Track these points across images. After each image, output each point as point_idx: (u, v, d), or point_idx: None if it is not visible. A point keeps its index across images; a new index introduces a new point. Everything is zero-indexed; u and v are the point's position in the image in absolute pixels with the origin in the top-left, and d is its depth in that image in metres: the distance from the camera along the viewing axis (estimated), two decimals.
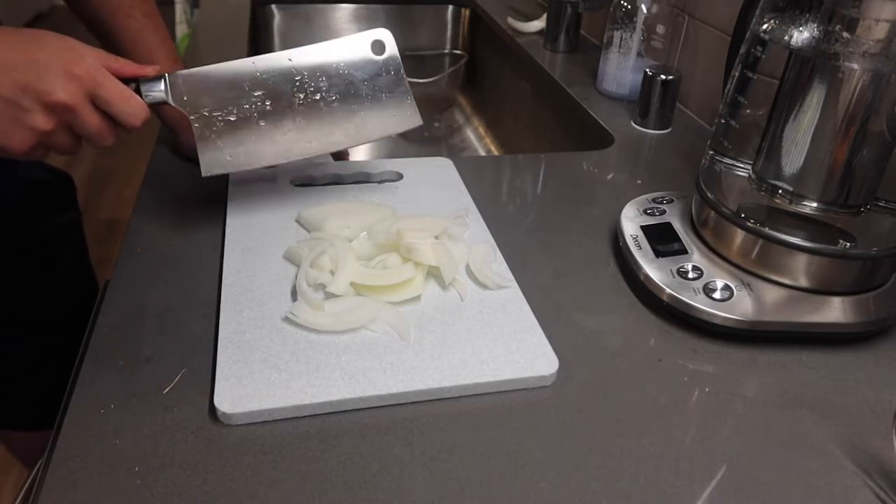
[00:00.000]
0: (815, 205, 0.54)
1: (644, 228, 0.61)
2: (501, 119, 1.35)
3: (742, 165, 0.59)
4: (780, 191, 0.55)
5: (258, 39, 1.41)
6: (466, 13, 1.50)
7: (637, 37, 0.95)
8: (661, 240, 0.59)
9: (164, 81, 0.54)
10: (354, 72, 0.60)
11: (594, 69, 1.04)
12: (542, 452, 0.44)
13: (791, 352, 0.53)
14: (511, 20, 1.28)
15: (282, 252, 0.59)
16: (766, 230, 0.54)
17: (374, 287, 0.54)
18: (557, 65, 1.12)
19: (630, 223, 0.63)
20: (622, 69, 0.97)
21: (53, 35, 0.49)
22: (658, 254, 0.58)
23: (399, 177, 0.72)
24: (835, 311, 0.53)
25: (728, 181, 0.60)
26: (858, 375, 0.52)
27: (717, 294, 0.54)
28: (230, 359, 0.48)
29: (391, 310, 0.53)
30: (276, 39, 1.45)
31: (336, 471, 0.42)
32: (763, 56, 0.54)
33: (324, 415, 0.46)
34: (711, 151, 0.61)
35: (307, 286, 0.54)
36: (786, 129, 0.54)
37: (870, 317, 0.53)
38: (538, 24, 1.23)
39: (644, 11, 0.93)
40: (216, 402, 0.44)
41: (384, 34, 0.61)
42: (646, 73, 0.87)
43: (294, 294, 0.54)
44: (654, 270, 0.56)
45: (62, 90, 0.47)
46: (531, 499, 0.41)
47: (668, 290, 0.55)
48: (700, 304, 0.53)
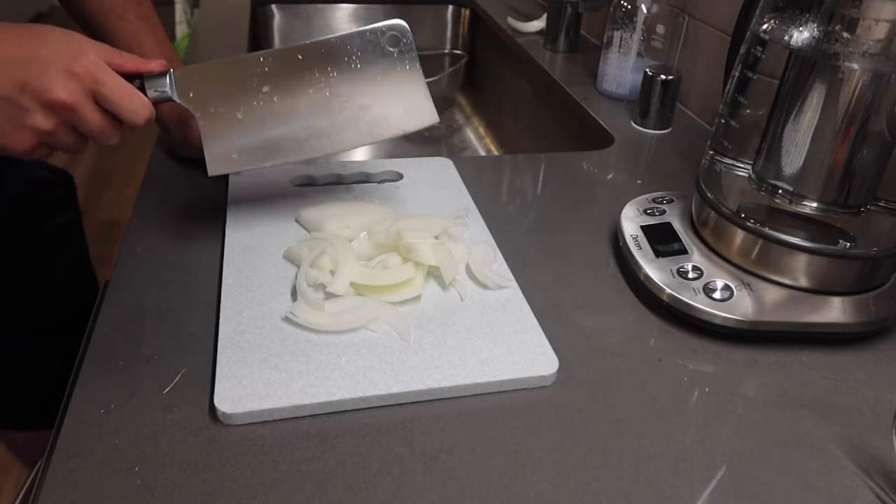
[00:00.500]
0: (815, 205, 0.54)
1: (644, 228, 0.61)
2: (501, 119, 1.35)
3: (742, 165, 0.59)
4: (780, 191, 0.55)
5: (258, 39, 1.41)
6: (466, 13, 1.50)
7: (637, 37, 0.95)
8: (661, 240, 0.59)
9: (170, 78, 0.52)
10: (367, 66, 0.57)
11: (594, 69, 1.04)
12: (542, 452, 0.44)
13: (791, 352, 0.53)
14: (511, 20, 1.28)
15: (282, 252, 0.59)
16: (766, 230, 0.54)
17: (374, 287, 0.54)
18: (557, 65, 1.12)
19: (630, 223, 0.63)
20: (622, 69, 0.97)
21: (56, 30, 0.48)
22: (658, 254, 0.58)
23: (399, 177, 0.73)
24: (835, 311, 0.53)
25: (728, 181, 0.60)
26: (858, 375, 0.52)
27: (717, 294, 0.54)
28: (230, 359, 0.48)
29: (391, 310, 0.53)
30: (276, 39, 1.45)
31: (336, 471, 0.42)
32: (763, 56, 0.54)
33: (324, 415, 0.46)
34: (711, 151, 0.61)
35: (307, 286, 0.54)
36: (786, 129, 0.54)
37: (870, 317, 0.53)
38: (538, 24, 1.23)
39: (644, 11, 0.93)
40: (216, 402, 0.44)
41: (400, 26, 0.58)
42: (646, 73, 0.87)
43: (294, 294, 0.54)
44: (654, 270, 0.56)
45: (62, 89, 0.46)
46: (531, 499, 0.41)
47: (668, 290, 0.55)
48: (700, 304, 0.53)
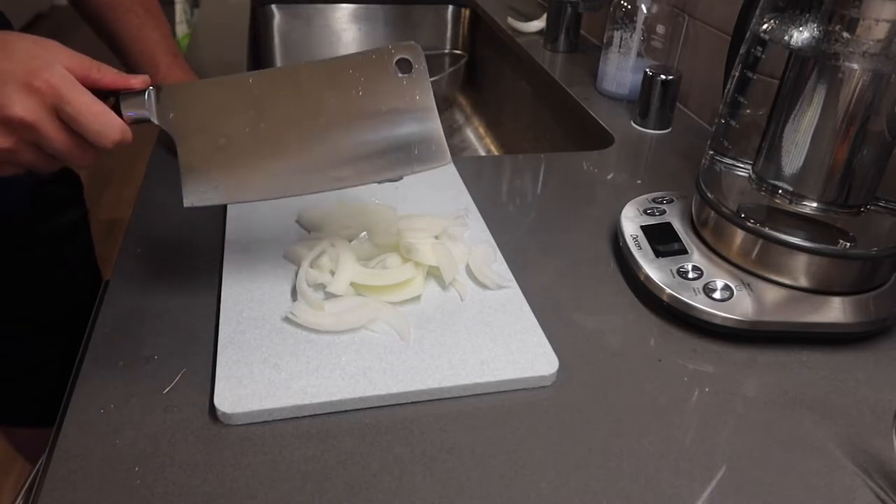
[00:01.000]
0: (815, 205, 0.54)
1: (644, 228, 0.61)
2: (501, 119, 1.35)
3: (742, 165, 0.59)
4: (780, 191, 0.55)
5: (258, 39, 1.42)
6: (466, 13, 1.50)
7: (637, 37, 0.94)
8: (661, 240, 0.59)
9: (149, 96, 0.47)
10: (372, 93, 0.49)
11: (594, 69, 1.04)
12: (542, 452, 0.44)
13: (791, 352, 0.53)
14: (511, 20, 1.28)
15: (282, 252, 0.59)
16: (766, 230, 0.54)
17: (374, 287, 0.54)
18: (557, 65, 1.12)
19: (630, 223, 0.63)
20: (622, 69, 0.97)
21: (24, 39, 0.44)
22: (658, 254, 0.58)
23: (399, 177, 0.72)
24: (835, 311, 0.53)
25: (728, 181, 0.60)
26: (858, 375, 0.52)
27: (717, 294, 0.54)
28: (230, 359, 0.48)
29: (391, 310, 0.53)
30: (276, 39, 1.45)
31: (336, 471, 0.42)
32: (763, 56, 0.54)
33: (324, 415, 0.46)
34: (711, 151, 0.61)
35: (307, 286, 0.54)
36: (786, 129, 0.54)
37: (870, 317, 0.53)
38: (538, 24, 1.23)
39: (644, 11, 0.93)
40: (216, 402, 0.44)
41: (412, 50, 0.49)
42: (646, 73, 0.87)
43: (294, 294, 0.54)
44: (654, 270, 0.56)
45: (19, 105, 0.42)
46: (531, 499, 0.41)
47: (668, 290, 0.55)
48: (700, 304, 0.53)
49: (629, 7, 0.94)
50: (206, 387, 0.47)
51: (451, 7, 1.50)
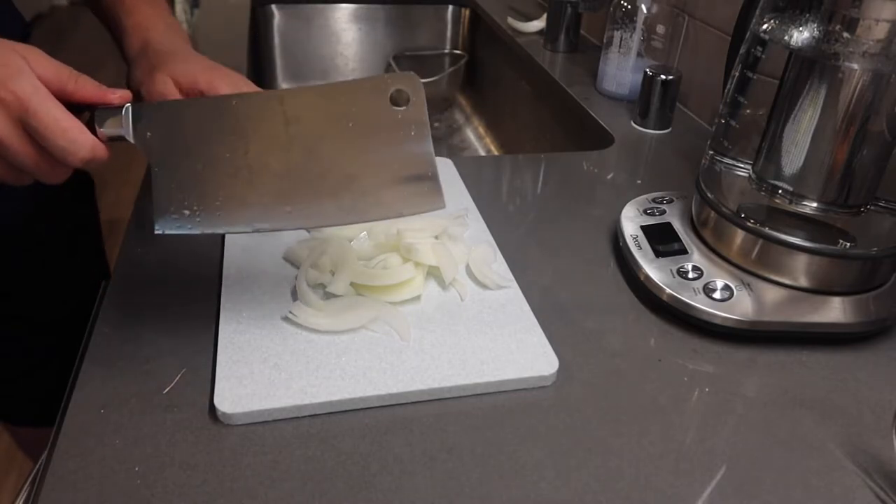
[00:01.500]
0: (815, 205, 0.54)
1: (644, 228, 0.61)
2: (501, 119, 1.35)
3: (742, 165, 0.59)
4: (780, 191, 0.55)
5: (258, 39, 1.42)
6: (466, 13, 1.50)
7: (637, 37, 0.95)
8: (661, 240, 0.59)
9: (127, 113, 0.44)
10: (363, 126, 0.45)
11: (594, 69, 1.04)
12: (542, 452, 0.44)
13: (791, 352, 0.53)
14: (511, 20, 1.28)
15: (282, 252, 0.59)
16: (766, 230, 0.54)
17: (374, 287, 0.54)
18: (557, 65, 1.12)
19: (630, 223, 0.63)
20: (622, 69, 0.97)
21: (0, 46, 0.42)
22: (658, 254, 0.58)
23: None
24: (835, 311, 0.53)
25: (728, 181, 0.60)
26: (858, 375, 0.52)
27: (717, 294, 0.54)
28: (230, 359, 0.48)
29: (391, 310, 0.53)
30: (276, 39, 1.45)
31: (336, 471, 0.42)
32: (763, 56, 0.54)
33: (324, 415, 0.46)
34: (711, 151, 0.61)
35: (307, 287, 0.54)
36: (786, 129, 0.54)
37: (870, 317, 0.53)
38: (538, 24, 1.23)
39: (644, 11, 0.93)
40: (216, 402, 0.44)
41: (410, 81, 0.44)
42: (646, 73, 0.87)
43: (294, 294, 0.54)
44: (654, 270, 0.56)
45: None
46: (531, 499, 0.41)
47: (668, 290, 0.55)
48: (700, 304, 0.53)
49: (629, 7, 0.94)
50: (206, 387, 0.47)
51: (451, 7, 1.50)
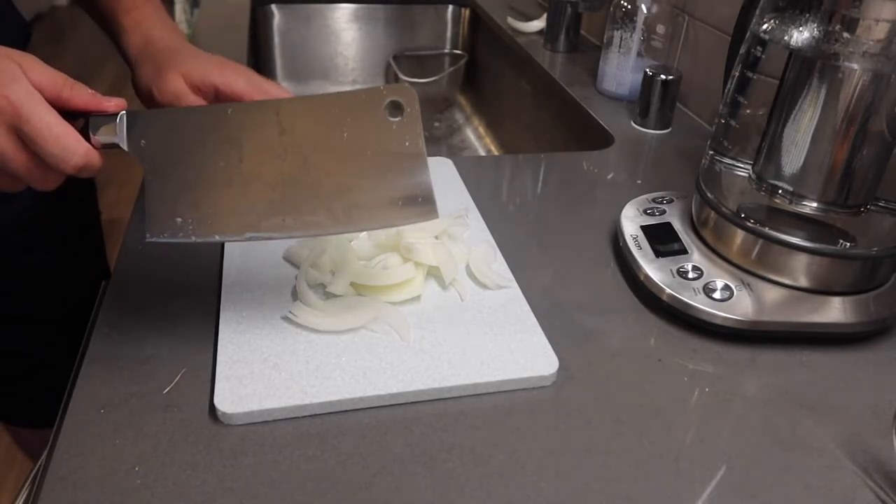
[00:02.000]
0: (815, 205, 0.54)
1: (644, 228, 0.61)
2: (501, 119, 1.35)
3: (742, 165, 0.59)
4: (780, 191, 0.55)
5: (258, 39, 1.42)
6: (466, 13, 1.50)
7: (637, 37, 0.95)
8: (661, 240, 0.59)
9: (122, 120, 0.44)
10: (358, 137, 0.45)
11: (594, 69, 1.04)
12: (542, 452, 0.44)
13: (791, 352, 0.53)
14: (511, 20, 1.28)
15: (282, 252, 0.59)
16: (766, 230, 0.54)
17: (374, 287, 0.54)
18: (557, 65, 1.12)
19: (630, 223, 0.63)
20: (622, 69, 0.97)
21: None
22: (658, 254, 0.58)
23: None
24: (835, 311, 0.53)
25: (728, 181, 0.60)
26: (858, 375, 0.52)
27: (717, 294, 0.54)
28: (230, 359, 0.48)
29: (391, 310, 0.53)
30: (276, 39, 1.45)
31: (336, 471, 0.42)
32: (763, 56, 0.54)
33: (324, 415, 0.46)
34: (711, 151, 0.61)
35: (307, 287, 0.54)
36: (786, 129, 0.54)
37: (870, 317, 0.53)
38: (538, 24, 1.23)
39: (644, 11, 0.93)
40: (216, 402, 0.44)
41: (405, 92, 0.45)
42: (646, 73, 0.87)
43: (294, 294, 0.54)
44: (654, 270, 0.56)
45: None
46: (531, 499, 0.41)
47: (668, 290, 0.55)
48: (700, 304, 0.53)
49: (629, 7, 0.94)
50: (206, 387, 0.47)
51: (451, 7, 1.50)
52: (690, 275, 0.56)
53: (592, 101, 0.98)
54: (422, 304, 0.55)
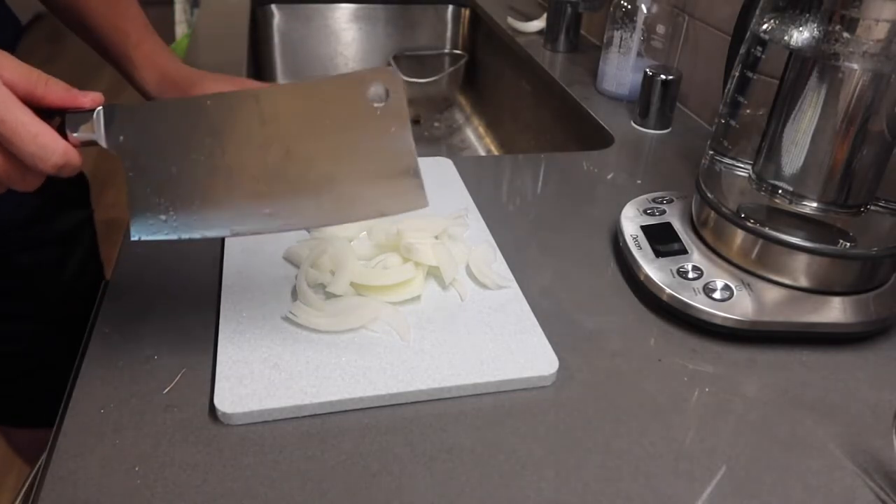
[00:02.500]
0: (815, 205, 0.54)
1: (644, 228, 0.61)
2: (501, 119, 1.35)
3: (742, 165, 0.59)
4: (780, 191, 0.55)
5: (258, 39, 1.41)
6: (466, 13, 1.50)
7: (637, 37, 0.95)
8: (661, 240, 0.59)
9: (98, 116, 0.43)
10: (343, 124, 0.44)
11: (594, 69, 1.04)
12: (542, 452, 0.44)
13: (791, 352, 0.53)
14: (511, 20, 1.28)
15: (282, 252, 0.59)
16: (766, 230, 0.54)
17: (375, 287, 0.54)
18: (557, 65, 1.12)
19: (630, 223, 0.63)
20: (622, 69, 0.97)
21: None
22: (658, 254, 0.58)
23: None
24: (835, 311, 0.53)
25: (728, 181, 0.60)
26: (858, 375, 0.52)
27: (717, 294, 0.54)
28: (230, 358, 0.48)
29: (391, 310, 0.53)
30: (276, 39, 1.45)
31: (336, 471, 0.42)
32: (763, 56, 0.54)
33: (324, 415, 0.46)
34: (711, 151, 0.61)
35: (307, 287, 0.54)
36: (786, 129, 0.54)
37: (870, 317, 0.53)
38: (538, 24, 1.23)
39: (644, 11, 0.93)
40: (216, 402, 0.44)
41: (389, 76, 0.43)
42: (646, 73, 0.87)
43: (294, 294, 0.54)
44: (654, 270, 0.56)
45: None
46: (531, 499, 0.41)
47: (668, 290, 0.55)
48: (700, 304, 0.53)
49: (629, 7, 0.94)
50: (207, 387, 0.47)
51: (451, 7, 1.50)
52: (690, 275, 0.56)
53: (592, 101, 0.98)
54: (421, 304, 0.55)
